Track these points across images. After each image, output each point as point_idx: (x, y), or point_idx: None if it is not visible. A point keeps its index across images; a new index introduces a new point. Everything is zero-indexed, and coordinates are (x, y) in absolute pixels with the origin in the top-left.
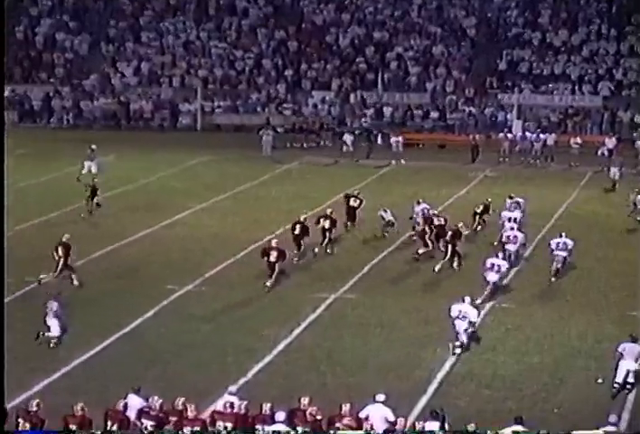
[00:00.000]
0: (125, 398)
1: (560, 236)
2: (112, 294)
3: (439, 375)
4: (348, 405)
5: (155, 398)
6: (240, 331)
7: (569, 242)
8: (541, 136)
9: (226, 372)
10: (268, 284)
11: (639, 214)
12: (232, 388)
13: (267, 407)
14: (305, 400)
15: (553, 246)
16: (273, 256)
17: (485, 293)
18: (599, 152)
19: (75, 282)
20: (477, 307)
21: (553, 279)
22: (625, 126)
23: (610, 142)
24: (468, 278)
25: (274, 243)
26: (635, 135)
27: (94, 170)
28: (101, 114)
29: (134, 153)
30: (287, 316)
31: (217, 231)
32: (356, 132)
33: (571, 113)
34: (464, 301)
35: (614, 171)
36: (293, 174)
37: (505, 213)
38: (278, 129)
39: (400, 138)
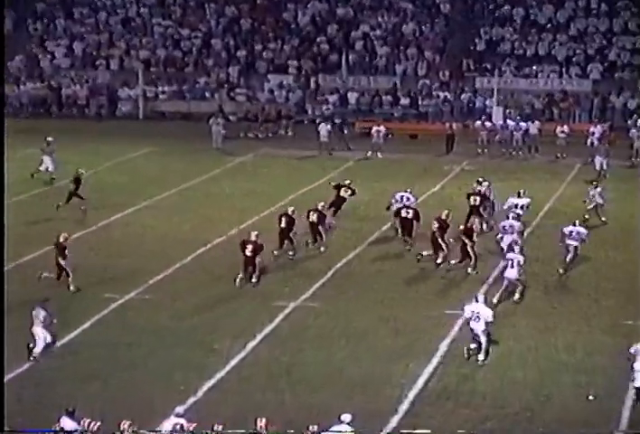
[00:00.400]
0: (58, 422)
1: (574, 224)
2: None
3: (412, 393)
4: (315, 427)
5: (91, 422)
6: (189, 345)
7: (583, 231)
8: (524, 124)
9: (173, 390)
10: (237, 279)
11: (594, 210)
12: (180, 409)
13: (219, 429)
14: (261, 422)
15: (566, 233)
16: (248, 250)
17: (501, 291)
18: (588, 142)
19: (71, 288)
20: (491, 307)
21: (561, 271)
22: (617, 112)
23: (597, 130)
24: (445, 283)
25: (253, 236)
26: (629, 122)
27: (51, 168)
28: (29, 100)
29: (67, 144)
30: (241, 328)
31: (162, 232)
32: (317, 120)
33: (558, 99)
34: (477, 301)
35: (599, 160)
36: (247, 167)
37: (513, 200)
38: (230, 118)
39: (382, 128)
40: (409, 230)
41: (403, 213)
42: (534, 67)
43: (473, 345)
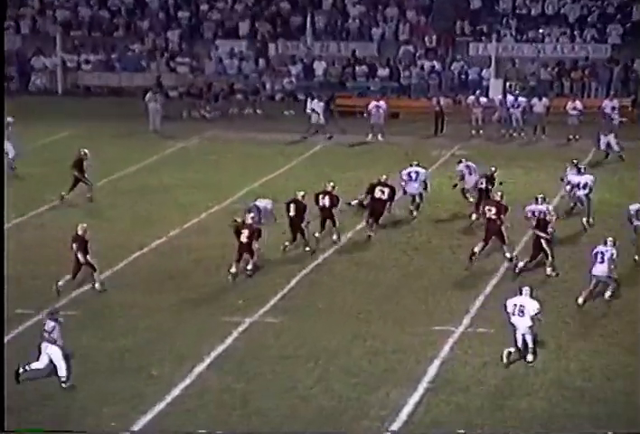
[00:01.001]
0: None
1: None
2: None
3: (395, 426)
4: None
5: None
6: (121, 370)
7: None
8: (523, 100)
9: (102, 426)
10: (232, 271)
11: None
12: None
13: None
14: None
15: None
16: (244, 235)
17: (587, 291)
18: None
19: (97, 286)
20: (539, 300)
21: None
22: None
23: (610, 105)
24: (434, 292)
25: (248, 218)
26: None
27: (11, 154)
28: None
29: None
30: (186, 349)
31: (92, 231)
32: (277, 97)
33: (569, 68)
34: (521, 293)
35: (607, 140)
36: (191, 154)
37: (573, 178)
38: (170, 93)
39: (383, 104)
40: (378, 214)
41: (377, 193)
42: (540, 30)
43: (512, 349)
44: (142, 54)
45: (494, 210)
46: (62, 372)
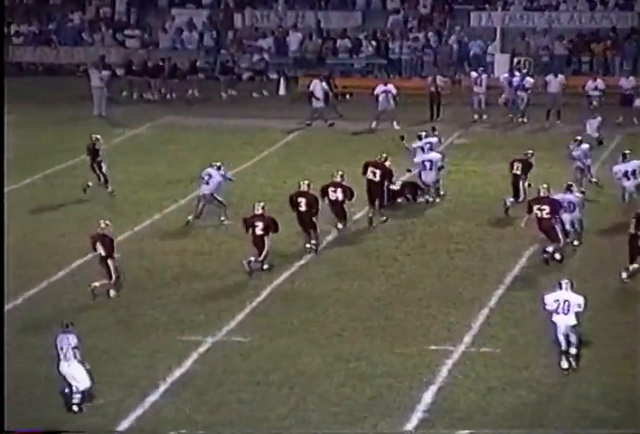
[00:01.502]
0: None
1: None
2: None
3: None
4: None
5: None
6: (59, 400)
7: None
8: (530, 79)
9: None
10: (246, 262)
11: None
12: None
13: None
14: None
15: None
16: (259, 228)
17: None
18: (637, 102)
19: (112, 293)
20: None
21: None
22: None
23: (628, 83)
24: (427, 305)
25: (259, 209)
26: None
27: None
28: None
29: None
30: (137, 374)
31: (17, 237)
32: (244, 76)
33: (588, 41)
34: (561, 287)
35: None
36: (144, 143)
37: (620, 167)
38: (118, 71)
39: (391, 87)
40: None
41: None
42: None
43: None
44: (82, 26)
45: (547, 208)
46: (85, 385)
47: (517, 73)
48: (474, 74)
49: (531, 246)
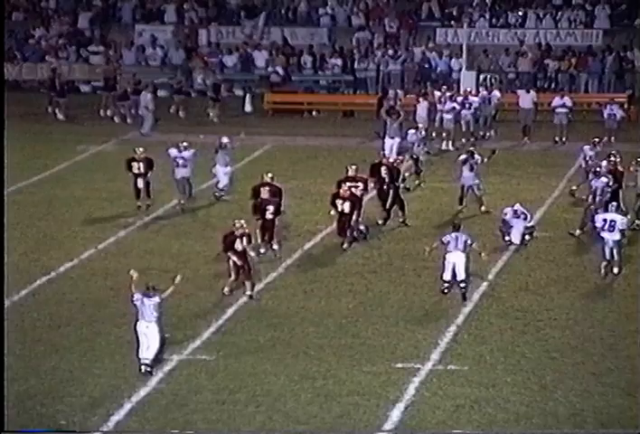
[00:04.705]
0: None
1: None
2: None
3: None
4: None
5: None
6: (23, 420)
7: None
8: (497, 94)
9: None
10: (255, 253)
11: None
12: None
13: None
14: None
15: None
16: (269, 211)
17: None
18: (606, 115)
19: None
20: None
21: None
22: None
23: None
24: (396, 323)
25: (266, 193)
26: None
27: None
28: None
29: None
30: (100, 393)
31: None
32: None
33: (554, 57)
34: (608, 210)
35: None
36: (108, 160)
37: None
38: (82, 88)
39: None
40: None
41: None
42: (519, 12)
43: (605, 262)
44: (46, 42)
45: None
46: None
47: (483, 92)
48: (437, 93)
49: (497, 263)
